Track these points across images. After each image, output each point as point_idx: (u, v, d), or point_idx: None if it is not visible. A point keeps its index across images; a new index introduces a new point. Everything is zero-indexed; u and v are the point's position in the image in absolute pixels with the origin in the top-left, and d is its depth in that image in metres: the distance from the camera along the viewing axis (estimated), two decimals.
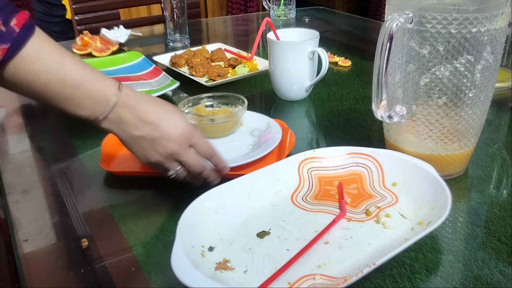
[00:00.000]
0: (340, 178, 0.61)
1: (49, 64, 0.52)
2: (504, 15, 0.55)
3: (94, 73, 0.55)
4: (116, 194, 0.64)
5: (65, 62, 0.53)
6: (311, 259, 0.49)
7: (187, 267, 0.44)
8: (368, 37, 1.43)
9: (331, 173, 0.62)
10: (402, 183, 0.59)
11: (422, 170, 0.57)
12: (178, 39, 1.29)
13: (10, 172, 0.71)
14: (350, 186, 0.60)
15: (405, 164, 0.59)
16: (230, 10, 3.13)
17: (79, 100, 0.53)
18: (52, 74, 0.52)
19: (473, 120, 0.60)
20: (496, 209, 0.58)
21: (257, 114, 0.77)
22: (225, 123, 0.72)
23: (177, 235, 0.47)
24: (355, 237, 0.52)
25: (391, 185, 0.59)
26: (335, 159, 0.63)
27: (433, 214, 0.51)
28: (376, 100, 0.59)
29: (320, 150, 0.63)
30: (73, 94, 0.53)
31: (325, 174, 0.62)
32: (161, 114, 0.56)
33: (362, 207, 0.56)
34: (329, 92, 0.95)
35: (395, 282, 0.48)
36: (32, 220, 0.60)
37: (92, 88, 0.54)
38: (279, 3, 1.56)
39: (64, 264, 0.52)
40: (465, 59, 0.56)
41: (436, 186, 0.54)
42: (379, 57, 0.56)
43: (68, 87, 0.52)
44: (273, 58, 0.88)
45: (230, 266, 0.48)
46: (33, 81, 0.52)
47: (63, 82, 0.52)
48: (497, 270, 0.49)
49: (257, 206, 0.57)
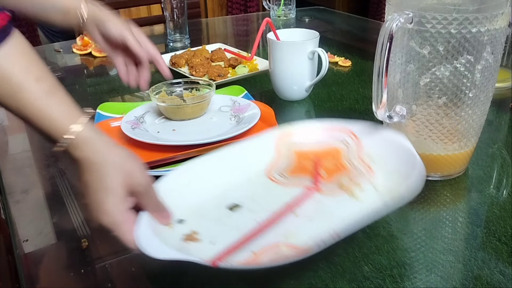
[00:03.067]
0: (318, 152, 0.61)
1: (8, 87, 0.45)
2: (504, 15, 0.55)
3: (56, 106, 0.46)
4: None
5: (25, 90, 0.45)
6: (280, 230, 0.49)
7: (149, 237, 0.44)
8: (368, 37, 1.42)
9: (308, 148, 0.61)
10: (378, 156, 0.58)
11: (398, 144, 0.56)
12: (178, 39, 1.29)
13: (10, 172, 0.71)
14: (327, 160, 0.60)
15: (382, 138, 0.59)
16: (230, 10, 3.13)
17: (45, 125, 0.46)
18: (9, 100, 0.45)
19: (473, 120, 0.60)
20: (496, 209, 0.58)
21: (222, 96, 0.83)
22: (195, 104, 0.75)
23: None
24: (326, 210, 0.51)
25: (367, 158, 0.58)
26: (313, 134, 0.62)
27: (407, 188, 0.50)
28: (376, 100, 0.59)
29: (298, 125, 0.63)
30: (38, 119, 0.46)
31: (302, 149, 0.61)
32: (91, 182, 0.47)
33: (336, 181, 0.56)
34: (329, 92, 0.95)
35: (395, 282, 0.48)
36: (32, 220, 0.60)
37: (50, 124, 0.46)
38: (279, 3, 1.56)
39: (64, 264, 0.52)
40: (465, 59, 0.56)
41: (411, 161, 0.53)
42: (379, 57, 0.56)
43: (25, 118, 0.46)
44: (273, 58, 0.88)
45: (198, 237, 0.48)
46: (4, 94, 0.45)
47: (19, 110, 0.46)
48: (497, 270, 0.49)
49: (232, 181, 0.56)
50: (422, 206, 0.60)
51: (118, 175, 0.45)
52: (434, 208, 0.59)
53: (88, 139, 0.46)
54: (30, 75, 0.46)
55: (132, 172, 0.46)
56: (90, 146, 0.46)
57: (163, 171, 0.62)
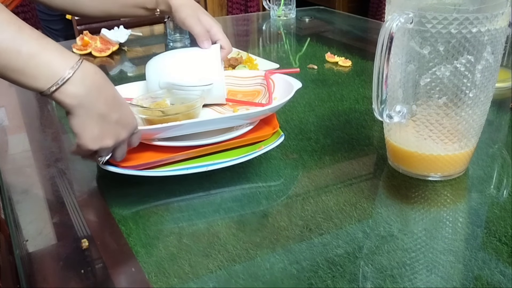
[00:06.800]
0: (244, 92, 0.78)
1: (5, 32, 0.48)
2: (504, 15, 0.55)
3: (53, 44, 0.51)
4: (116, 194, 0.64)
5: (22, 31, 0.49)
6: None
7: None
8: (368, 37, 1.43)
9: (238, 88, 0.79)
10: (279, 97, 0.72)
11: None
12: (178, 39, 1.29)
13: (10, 172, 0.71)
14: (247, 98, 0.77)
15: (286, 84, 0.72)
16: (230, 10, 3.13)
17: (35, 70, 0.50)
18: (7, 41, 0.48)
19: (473, 120, 0.60)
20: (497, 209, 0.58)
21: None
22: (176, 115, 0.69)
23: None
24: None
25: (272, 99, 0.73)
26: (247, 79, 0.79)
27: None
28: (376, 100, 0.59)
29: (239, 72, 0.83)
30: (29, 64, 0.49)
31: (234, 88, 0.79)
32: (117, 95, 0.55)
33: (236, 107, 0.75)
34: (329, 92, 0.95)
35: (395, 282, 0.48)
36: (32, 220, 0.60)
37: (51, 57, 0.50)
38: (279, 3, 1.56)
39: (64, 264, 0.52)
40: (465, 59, 0.55)
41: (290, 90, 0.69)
42: (379, 57, 0.56)
43: (24, 55, 0.49)
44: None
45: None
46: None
47: (18, 52, 0.49)
48: (498, 271, 0.49)
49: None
50: (422, 206, 0.60)
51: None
52: (434, 208, 0.59)
53: (94, 68, 0.53)
54: (22, 23, 0.50)
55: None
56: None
57: (163, 171, 0.62)
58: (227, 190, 0.64)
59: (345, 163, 0.70)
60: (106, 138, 0.54)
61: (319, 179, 0.66)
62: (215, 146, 0.64)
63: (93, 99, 0.52)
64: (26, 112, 0.92)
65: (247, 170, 0.68)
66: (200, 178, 0.62)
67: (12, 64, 0.49)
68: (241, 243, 0.54)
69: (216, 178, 0.65)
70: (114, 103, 0.54)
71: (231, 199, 0.63)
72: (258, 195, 0.63)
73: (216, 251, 0.53)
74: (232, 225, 0.57)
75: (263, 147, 0.67)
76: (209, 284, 0.48)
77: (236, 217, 0.59)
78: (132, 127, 0.57)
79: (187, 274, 0.50)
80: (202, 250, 0.53)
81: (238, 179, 0.67)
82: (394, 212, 0.59)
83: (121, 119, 0.55)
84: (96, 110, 0.52)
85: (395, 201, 0.61)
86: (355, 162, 0.70)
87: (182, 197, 0.63)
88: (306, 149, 0.74)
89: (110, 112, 0.53)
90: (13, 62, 0.49)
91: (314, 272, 0.49)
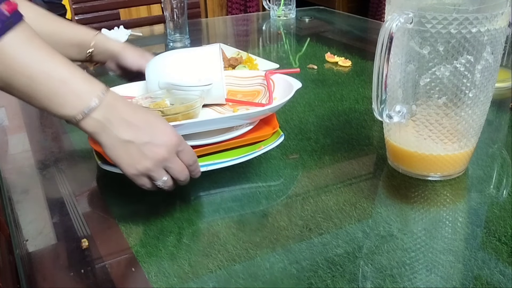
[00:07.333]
0: (243, 92, 0.78)
1: (37, 55, 0.50)
2: (504, 15, 0.55)
3: (81, 72, 0.52)
4: (116, 194, 0.64)
5: (54, 56, 0.51)
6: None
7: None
8: (368, 37, 1.43)
9: (238, 88, 0.79)
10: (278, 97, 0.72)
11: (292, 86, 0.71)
12: (178, 39, 1.29)
13: (10, 172, 0.71)
14: (246, 98, 0.77)
15: (286, 84, 0.72)
16: (230, 10, 3.13)
17: (64, 97, 0.50)
18: (39, 65, 0.50)
19: (473, 120, 0.60)
20: (496, 209, 0.58)
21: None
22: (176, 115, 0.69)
23: None
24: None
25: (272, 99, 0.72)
26: (247, 79, 0.79)
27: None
28: (376, 100, 0.59)
29: (239, 72, 0.84)
30: (59, 89, 0.50)
31: (234, 88, 0.78)
32: (148, 118, 0.55)
33: (236, 107, 0.75)
34: (329, 92, 0.95)
35: (395, 282, 0.48)
36: (32, 220, 0.60)
37: (79, 85, 0.51)
38: (279, 3, 1.56)
39: (64, 264, 0.52)
40: (465, 59, 0.56)
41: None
42: (379, 57, 0.56)
43: (54, 81, 0.50)
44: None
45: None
46: (17, 71, 0.49)
47: (49, 76, 0.50)
48: (497, 270, 0.49)
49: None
50: (422, 206, 0.60)
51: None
52: (434, 208, 0.59)
53: (120, 96, 0.55)
54: (53, 49, 0.51)
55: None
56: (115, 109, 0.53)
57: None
58: (227, 190, 0.64)
59: (345, 163, 0.70)
60: (141, 161, 0.53)
61: (319, 179, 0.66)
62: (215, 146, 0.64)
63: (116, 127, 0.52)
64: (26, 112, 0.92)
65: (247, 170, 0.68)
66: (200, 178, 0.62)
67: (43, 88, 0.50)
68: (241, 243, 0.54)
69: (216, 178, 0.65)
70: (141, 126, 0.53)
71: (231, 199, 0.63)
72: (258, 195, 0.63)
73: (216, 251, 0.53)
74: (232, 225, 0.57)
75: (263, 147, 0.67)
76: (209, 284, 0.48)
77: (236, 217, 0.59)
78: (171, 144, 0.54)
79: (187, 274, 0.50)
80: (202, 250, 0.53)
81: (238, 179, 0.67)
82: (393, 212, 0.59)
83: (154, 139, 0.53)
84: (120, 136, 0.52)
85: (395, 201, 0.61)
86: (355, 162, 0.70)
87: (182, 197, 0.63)
88: (306, 149, 0.74)
89: (138, 136, 0.53)
90: (43, 87, 0.50)
91: (314, 271, 0.49)
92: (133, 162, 0.53)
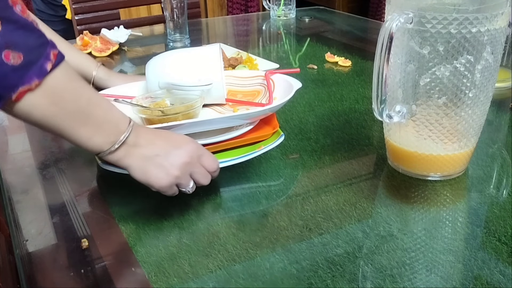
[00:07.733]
0: (243, 92, 0.78)
1: (78, 83, 0.52)
2: (504, 15, 0.55)
3: (110, 102, 0.56)
4: (116, 194, 0.64)
5: (89, 86, 0.54)
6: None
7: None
8: (368, 37, 1.43)
9: (238, 88, 0.79)
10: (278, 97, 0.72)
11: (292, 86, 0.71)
12: (178, 39, 1.29)
13: (10, 172, 0.71)
14: (246, 98, 0.77)
15: (286, 84, 0.72)
16: (230, 10, 3.13)
17: (100, 123, 0.52)
18: (81, 90, 0.52)
19: (473, 120, 0.60)
20: (496, 209, 0.58)
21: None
22: (176, 114, 0.68)
23: None
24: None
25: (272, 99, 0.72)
26: (247, 79, 0.79)
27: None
28: (376, 100, 0.59)
29: (239, 72, 0.84)
30: (96, 113, 0.52)
31: (234, 88, 0.78)
32: (165, 133, 0.58)
33: (236, 107, 0.75)
34: (329, 92, 0.95)
35: (395, 282, 0.48)
36: (32, 220, 0.60)
37: (111, 113, 0.54)
38: (279, 3, 1.56)
39: (64, 264, 0.52)
40: (465, 59, 0.56)
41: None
42: (379, 57, 0.56)
43: (92, 105, 0.52)
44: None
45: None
46: (62, 97, 0.50)
47: (89, 99, 0.52)
48: (497, 270, 0.49)
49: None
50: (422, 206, 0.60)
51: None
52: (434, 208, 0.59)
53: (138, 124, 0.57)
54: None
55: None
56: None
57: None
58: (227, 190, 0.65)
59: (345, 163, 0.70)
60: (170, 170, 0.55)
61: (319, 179, 0.66)
62: (215, 146, 0.64)
63: (142, 147, 0.55)
64: None
65: (247, 170, 0.68)
66: None
67: (81, 112, 0.51)
68: (241, 243, 0.54)
69: (216, 178, 0.65)
70: (162, 140, 0.57)
71: (231, 199, 0.63)
72: (258, 195, 0.63)
73: (216, 251, 0.53)
74: (232, 225, 0.57)
75: (263, 147, 0.67)
76: (209, 284, 0.48)
77: (236, 217, 0.59)
78: (191, 149, 0.57)
79: (187, 274, 0.50)
80: (202, 250, 0.53)
81: (238, 179, 0.67)
82: (393, 212, 0.59)
83: (176, 147, 0.56)
84: (146, 154, 0.55)
85: (395, 201, 0.61)
86: (355, 162, 0.70)
87: (182, 197, 0.63)
88: (306, 149, 0.74)
89: (162, 148, 0.56)
90: (82, 110, 0.51)
91: (314, 271, 0.49)
92: (163, 173, 0.55)
